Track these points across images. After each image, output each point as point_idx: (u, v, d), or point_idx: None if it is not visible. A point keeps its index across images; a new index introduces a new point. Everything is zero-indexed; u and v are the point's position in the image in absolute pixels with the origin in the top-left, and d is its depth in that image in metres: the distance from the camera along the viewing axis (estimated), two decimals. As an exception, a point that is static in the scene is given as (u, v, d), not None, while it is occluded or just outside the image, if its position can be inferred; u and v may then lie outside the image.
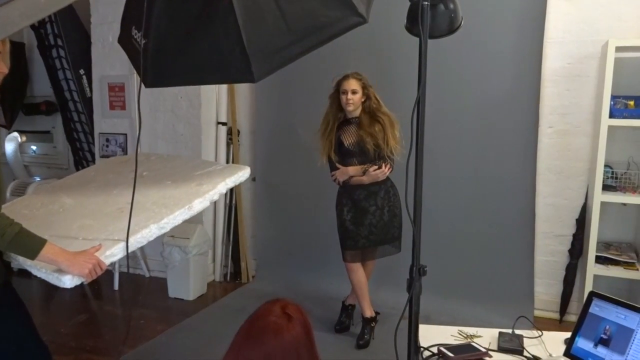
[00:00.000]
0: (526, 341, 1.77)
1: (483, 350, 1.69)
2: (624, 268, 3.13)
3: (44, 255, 1.53)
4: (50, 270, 1.58)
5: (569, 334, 1.69)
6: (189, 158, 3.85)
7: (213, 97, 4.20)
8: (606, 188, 3.17)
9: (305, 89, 3.90)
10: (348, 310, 3.38)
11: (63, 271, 1.57)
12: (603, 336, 1.57)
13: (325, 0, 1.67)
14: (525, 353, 1.70)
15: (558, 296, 3.53)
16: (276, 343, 1.17)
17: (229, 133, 4.28)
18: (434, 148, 2.96)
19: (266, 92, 4.10)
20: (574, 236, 3.44)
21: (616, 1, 3.23)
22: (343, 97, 3.01)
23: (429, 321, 2.39)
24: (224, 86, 4.20)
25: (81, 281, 1.60)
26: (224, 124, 4.26)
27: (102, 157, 4.44)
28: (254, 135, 4.31)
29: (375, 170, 2.98)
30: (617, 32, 3.21)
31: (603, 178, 3.12)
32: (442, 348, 1.69)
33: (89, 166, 4.58)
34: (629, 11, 3.21)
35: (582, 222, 3.39)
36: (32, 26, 4.28)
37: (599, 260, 3.17)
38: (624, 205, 3.28)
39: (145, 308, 3.81)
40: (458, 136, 3.57)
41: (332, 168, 3.12)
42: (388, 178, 3.07)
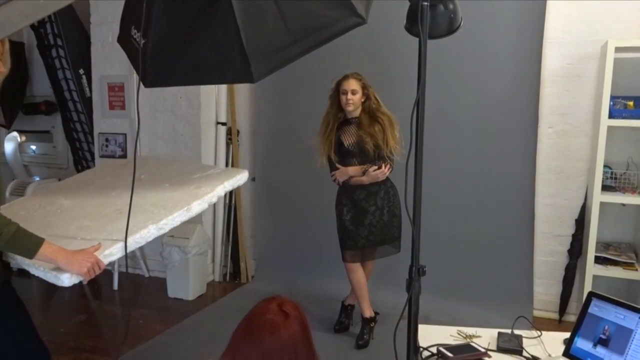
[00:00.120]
0: (525, 341, 1.77)
1: (482, 350, 1.70)
2: (623, 268, 3.14)
3: (42, 254, 1.52)
4: (48, 268, 1.58)
5: (568, 334, 1.69)
6: (187, 161, 3.86)
7: (213, 97, 4.20)
8: (605, 188, 3.17)
9: (305, 89, 3.89)
10: (347, 310, 3.38)
11: (61, 270, 1.57)
12: (602, 336, 1.58)
13: (324, 0, 1.67)
14: (524, 353, 1.70)
15: (557, 296, 3.54)
16: (273, 341, 1.17)
17: (229, 133, 4.28)
18: (434, 148, 2.96)
19: (266, 92, 4.10)
20: (574, 236, 3.45)
21: (616, 2, 3.23)
22: (343, 97, 3.01)
23: (428, 321, 2.38)
24: (224, 86, 4.20)
25: (79, 280, 1.60)
26: (224, 124, 4.26)
27: (102, 157, 4.44)
28: (254, 135, 4.31)
29: (375, 170, 2.98)
30: (617, 33, 3.21)
31: (602, 178, 3.12)
32: (442, 348, 1.69)
33: (89, 166, 4.60)
34: (629, 12, 3.22)
35: (582, 223, 3.40)
36: (32, 26, 4.27)
37: (598, 260, 3.18)
38: (623, 205, 3.29)
39: (144, 308, 3.80)
40: (457, 136, 3.57)
41: (332, 168, 3.12)
42: (388, 178, 3.08)
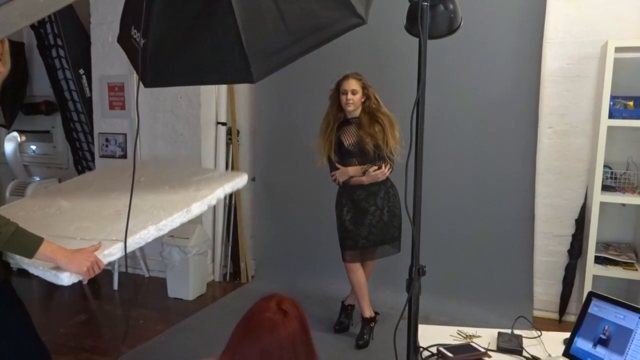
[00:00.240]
0: (525, 341, 1.77)
1: (482, 350, 1.70)
2: (623, 268, 3.14)
3: (42, 253, 1.52)
4: (47, 267, 1.58)
5: (568, 334, 1.69)
6: (187, 165, 3.87)
7: (213, 97, 4.20)
8: (605, 188, 3.17)
9: (305, 89, 3.89)
10: (347, 310, 3.38)
11: (61, 269, 1.57)
12: (602, 336, 1.58)
13: (324, 1, 1.67)
14: (524, 353, 1.70)
15: (557, 296, 3.54)
16: (272, 339, 1.17)
17: (229, 133, 4.28)
18: (434, 148, 2.97)
19: (266, 92, 4.10)
20: (573, 236, 3.45)
21: (615, 2, 3.23)
22: (343, 98, 3.01)
23: (428, 321, 2.38)
24: (224, 86, 4.19)
25: (79, 279, 1.60)
26: (224, 124, 4.26)
27: (102, 157, 4.44)
28: (254, 135, 4.31)
29: (375, 170, 2.98)
30: (617, 33, 3.21)
31: (602, 178, 3.12)
32: (442, 348, 1.69)
33: (88, 166, 4.61)
34: (629, 12, 3.22)
35: (582, 223, 3.40)
36: (32, 26, 4.27)
37: (598, 260, 3.18)
38: (623, 205, 3.29)
39: (144, 308, 3.80)
40: (457, 136, 3.57)
41: (332, 168, 3.12)
42: (388, 178, 3.07)
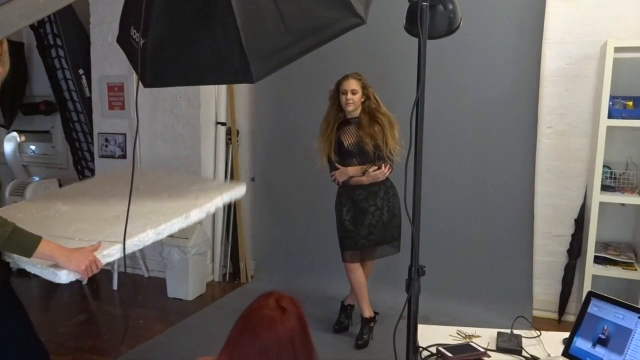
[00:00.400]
0: (525, 341, 1.78)
1: (482, 350, 1.70)
2: (623, 268, 3.14)
3: (40, 251, 1.52)
4: (45, 265, 1.58)
5: (568, 334, 1.69)
6: (185, 174, 3.89)
7: (212, 97, 4.20)
8: (605, 188, 3.17)
9: (305, 89, 3.89)
10: (347, 310, 3.38)
11: (59, 267, 1.57)
12: (601, 336, 1.58)
13: (324, 1, 1.67)
14: (523, 353, 1.71)
15: (557, 296, 3.54)
16: (271, 336, 1.16)
17: (228, 133, 4.28)
18: (433, 148, 2.97)
19: (266, 92, 4.10)
20: (573, 236, 3.45)
21: (615, 2, 3.23)
22: (343, 98, 3.01)
23: (428, 321, 2.39)
24: (223, 86, 4.19)
25: (77, 277, 1.60)
26: (223, 124, 4.26)
27: (101, 157, 4.44)
28: (253, 135, 4.31)
29: (374, 170, 2.98)
30: (616, 33, 3.21)
31: (602, 178, 3.12)
32: (441, 348, 1.69)
33: (88, 166, 4.61)
34: (628, 12, 3.22)
35: (581, 223, 3.40)
36: (32, 26, 4.27)
37: (598, 260, 3.18)
38: (623, 205, 3.29)
39: (144, 308, 3.80)
40: (457, 136, 3.57)
41: (332, 168, 3.12)
42: (387, 178, 3.07)
